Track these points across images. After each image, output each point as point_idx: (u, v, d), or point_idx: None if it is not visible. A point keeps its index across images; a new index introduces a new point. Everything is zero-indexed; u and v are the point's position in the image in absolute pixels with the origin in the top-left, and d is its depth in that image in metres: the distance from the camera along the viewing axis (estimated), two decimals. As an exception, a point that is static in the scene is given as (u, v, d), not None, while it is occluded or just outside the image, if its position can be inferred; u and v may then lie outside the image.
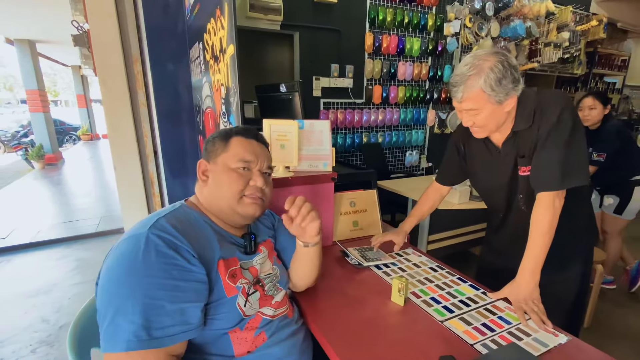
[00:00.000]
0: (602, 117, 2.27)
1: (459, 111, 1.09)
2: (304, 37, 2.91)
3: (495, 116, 1.03)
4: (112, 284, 0.67)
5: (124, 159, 2.29)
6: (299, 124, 1.33)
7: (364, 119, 3.27)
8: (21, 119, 12.48)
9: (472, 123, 1.07)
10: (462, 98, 1.01)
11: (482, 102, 1.00)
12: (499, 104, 1.00)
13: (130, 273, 0.66)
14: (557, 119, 1.01)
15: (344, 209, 1.52)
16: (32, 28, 6.21)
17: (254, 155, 0.88)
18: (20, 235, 3.73)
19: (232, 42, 1.24)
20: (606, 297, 2.49)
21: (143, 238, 0.69)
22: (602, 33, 4.59)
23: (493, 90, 0.97)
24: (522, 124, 1.07)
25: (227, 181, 0.85)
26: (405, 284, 0.97)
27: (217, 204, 0.86)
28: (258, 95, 2.11)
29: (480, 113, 1.02)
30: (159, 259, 0.68)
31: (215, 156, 0.87)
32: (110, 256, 0.71)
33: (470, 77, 0.98)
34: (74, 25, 2.55)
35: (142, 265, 0.66)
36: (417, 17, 3.24)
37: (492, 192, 1.28)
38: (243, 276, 0.83)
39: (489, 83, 0.96)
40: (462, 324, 0.92)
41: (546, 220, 1.00)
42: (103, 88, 2.16)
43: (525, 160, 1.09)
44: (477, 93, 0.99)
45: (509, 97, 1.00)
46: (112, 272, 0.68)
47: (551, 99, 1.05)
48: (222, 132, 0.91)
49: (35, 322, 2.31)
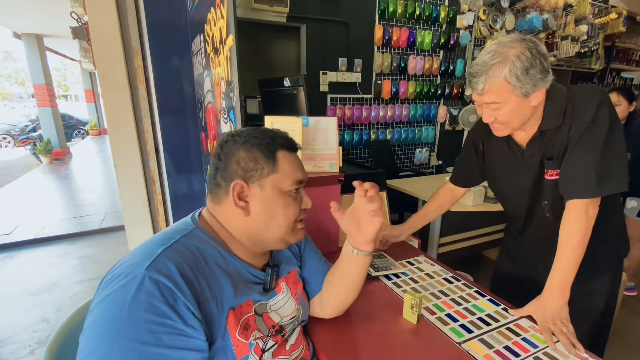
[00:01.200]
0: (626, 115, 2.13)
1: (478, 105, 0.98)
2: (311, 29, 2.80)
3: (520, 111, 0.92)
4: (92, 334, 0.55)
5: (125, 156, 2.22)
6: (304, 121, 1.23)
7: (372, 115, 3.17)
8: (30, 113, 12.59)
9: (494, 119, 0.95)
10: (484, 89, 0.90)
11: (506, 94, 0.88)
12: (525, 97, 0.89)
13: (111, 329, 0.54)
14: (592, 117, 0.89)
15: (351, 211, 1.43)
16: (39, 22, 6.19)
17: (304, 172, 0.75)
18: (25, 231, 3.71)
19: (232, 32, 1.14)
20: (626, 304, 2.37)
21: (136, 282, 0.56)
22: (622, 26, 4.40)
23: (519, 80, 0.86)
24: (551, 122, 0.95)
25: (284, 209, 0.71)
26: (419, 300, 0.88)
27: (262, 234, 0.72)
28: (261, 90, 2.02)
29: (503, 107, 0.91)
30: (147, 316, 0.55)
31: (261, 177, 0.70)
32: (101, 292, 0.59)
33: (493, 66, 0.87)
34: (73, 17, 2.48)
35: (126, 321, 0.54)
36: (428, 9, 3.11)
37: (512, 196, 1.17)
38: (257, 327, 0.70)
39: (514, 72, 0.85)
40: (483, 347, 0.82)
41: (578, 232, 0.90)
42: (102, 82, 2.09)
43: (553, 163, 0.98)
44: (500, 84, 0.87)
45: (536, 89, 0.88)
46: (95, 319, 0.56)
47: (586, 94, 0.93)
48: (258, 141, 0.71)
49: (35, 322, 2.27)
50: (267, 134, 0.73)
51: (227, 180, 0.70)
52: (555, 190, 0.99)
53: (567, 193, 0.94)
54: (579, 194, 0.91)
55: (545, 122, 0.97)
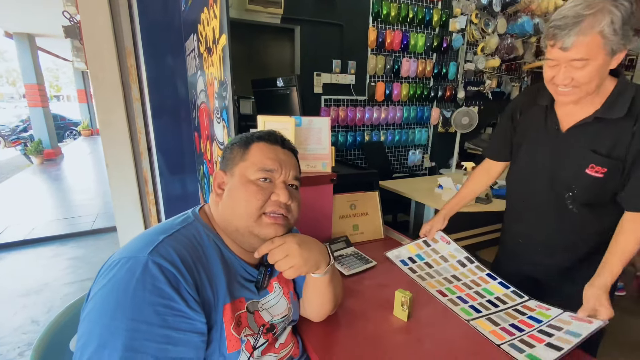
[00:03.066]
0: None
1: (552, 66, 0.87)
2: (305, 31, 2.81)
3: (602, 71, 0.84)
4: (96, 318, 0.55)
5: (117, 156, 2.20)
6: (297, 120, 1.24)
7: (366, 116, 3.18)
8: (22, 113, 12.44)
9: (571, 79, 0.85)
10: (573, 44, 0.80)
11: (597, 50, 0.80)
12: (611, 56, 0.82)
13: (116, 311, 0.54)
14: None
15: (343, 211, 1.44)
16: (31, 21, 6.13)
17: (278, 163, 0.72)
18: (14, 232, 3.66)
19: (225, 31, 1.15)
20: (615, 303, 2.40)
21: (140, 266, 0.57)
22: (612, 31, 4.48)
23: (615, 34, 0.78)
24: (613, 111, 0.88)
25: (245, 196, 0.69)
26: (409, 297, 0.88)
27: (232, 223, 0.71)
28: (254, 90, 2.02)
29: (588, 65, 0.82)
30: (153, 298, 0.56)
31: (233, 165, 0.72)
32: (102, 278, 0.59)
33: (588, 17, 0.78)
34: (66, 16, 2.47)
35: (132, 303, 0.55)
36: (422, 12, 3.14)
37: (531, 178, 1.08)
38: (248, 324, 0.71)
39: (614, 24, 0.77)
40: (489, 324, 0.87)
41: (634, 239, 0.89)
42: (94, 82, 2.08)
43: (603, 160, 0.91)
44: (593, 37, 0.79)
45: (624, 48, 0.81)
46: (98, 303, 0.56)
47: None
48: (242, 137, 0.76)
49: (24, 324, 2.23)
50: (257, 131, 0.77)
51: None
52: (592, 186, 0.94)
53: (633, 205, 0.91)
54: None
55: (605, 110, 0.89)
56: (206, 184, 2.01)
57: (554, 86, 0.90)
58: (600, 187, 0.94)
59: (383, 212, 1.54)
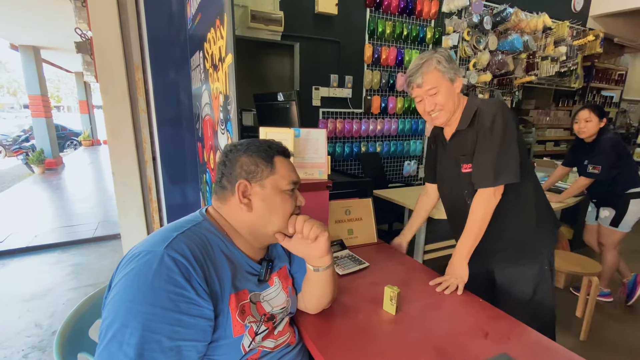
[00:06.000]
0: (597, 130, 2.29)
1: (419, 100, 1.23)
2: (304, 47, 2.95)
3: (451, 95, 1.18)
4: (119, 302, 0.64)
5: (123, 164, 2.30)
6: (295, 132, 1.34)
7: (362, 128, 3.30)
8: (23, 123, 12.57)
9: (434, 105, 1.19)
10: (423, 80, 1.17)
11: (439, 79, 1.16)
12: (452, 82, 1.17)
13: (137, 296, 0.63)
14: (490, 124, 1.15)
15: (338, 216, 1.53)
16: (36, 34, 6.29)
17: (297, 174, 0.88)
18: (17, 240, 3.72)
19: (231, 51, 1.26)
20: (603, 310, 2.48)
21: (157, 258, 0.66)
22: (599, 48, 4.65)
23: (445, 67, 1.15)
24: (464, 125, 1.22)
25: (281, 205, 0.82)
26: (397, 293, 0.97)
27: (263, 227, 0.82)
28: (256, 103, 2.13)
29: (439, 92, 1.17)
30: (169, 287, 0.65)
31: (261, 178, 0.81)
32: (124, 268, 0.68)
33: (424, 64, 1.16)
34: (78, 33, 2.60)
35: (150, 290, 0.64)
36: (416, 29, 3.29)
37: (444, 187, 1.42)
38: (251, 312, 0.80)
39: (441, 62, 1.15)
40: None
41: (480, 213, 1.17)
42: (104, 94, 2.19)
43: (466, 159, 1.23)
44: (433, 72, 1.16)
45: (457, 76, 1.18)
46: (122, 289, 0.65)
47: (488, 106, 1.19)
48: (257, 148, 0.84)
49: (28, 327, 2.29)
50: (264, 143, 0.86)
51: (232, 182, 0.81)
52: (470, 181, 1.22)
53: (475, 183, 1.19)
54: (482, 183, 1.17)
55: (461, 124, 1.23)
56: (208, 192, 2.10)
57: (429, 116, 1.24)
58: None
59: (379, 221, 1.64)
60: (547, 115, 5.19)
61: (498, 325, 0.97)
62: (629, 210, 2.31)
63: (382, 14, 3.15)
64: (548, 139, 5.28)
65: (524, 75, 4.04)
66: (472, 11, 3.39)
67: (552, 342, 0.90)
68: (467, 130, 1.21)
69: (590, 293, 2.12)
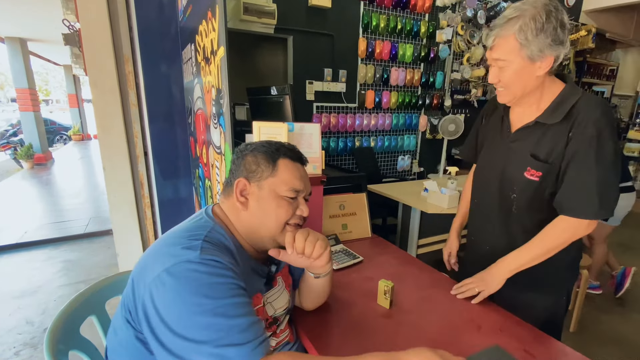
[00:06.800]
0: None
1: (489, 64, 0.97)
2: (297, 41, 2.92)
3: (523, 76, 0.91)
4: (183, 312, 0.60)
5: (114, 159, 2.27)
6: (289, 126, 1.33)
7: (356, 123, 3.29)
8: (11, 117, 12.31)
9: (498, 80, 0.95)
10: (493, 44, 0.91)
11: (513, 53, 0.89)
12: (531, 62, 0.88)
13: (199, 300, 0.61)
14: (597, 133, 0.87)
15: (333, 211, 1.53)
16: (23, 26, 6.15)
17: (303, 182, 0.81)
18: (6, 236, 3.66)
19: (223, 44, 1.24)
20: (592, 302, 2.53)
21: (200, 263, 0.63)
22: (591, 43, 4.68)
23: (527, 40, 0.86)
24: (551, 117, 0.93)
25: (275, 210, 0.77)
26: (391, 287, 0.98)
27: (256, 230, 0.79)
28: (249, 97, 2.11)
29: (508, 67, 0.91)
30: (220, 279, 0.64)
31: (260, 178, 0.78)
32: (157, 291, 0.62)
33: (509, 21, 0.88)
34: (65, 24, 2.53)
35: (208, 288, 0.62)
36: (410, 23, 3.28)
37: (485, 178, 1.14)
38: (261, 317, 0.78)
39: (525, 31, 0.85)
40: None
41: (559, 239, 0.94)
42: (93, 88, 2.15)
43: (538, 164, 0.96)
44: (509, 40, 0.88)
45: (543, 55, 0.87)
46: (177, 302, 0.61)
47: (593, 106, 0.90)
48: (265, 149, 0.81)
49: (19, 324, 2.26)
50: (274, 144, 0.83)
51: (234, 179, 0.80)
52: (528, 189, 0.98)
53: (566, 210, 0.92)
54: (579, 212, 0.90)
55: (546, 115, 0.94)
56: (201, 187, 2.08)
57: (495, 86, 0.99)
58: (535, 190, 0.98)
59: (373, 216, 1.64)
60: (539, 111, 5.22)
61: (491, 318, 0.98)
62: (618, 205, 2.33)
63: (376, 8, 3.13)
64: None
65: (516, 70, 4.05)
66: (466, 5, 3.38)
67: (544, 335, 0.91)
68: (553, 127, 0.93)
69: (580, 286, 2.16)
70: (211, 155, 1.68)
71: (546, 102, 0.96)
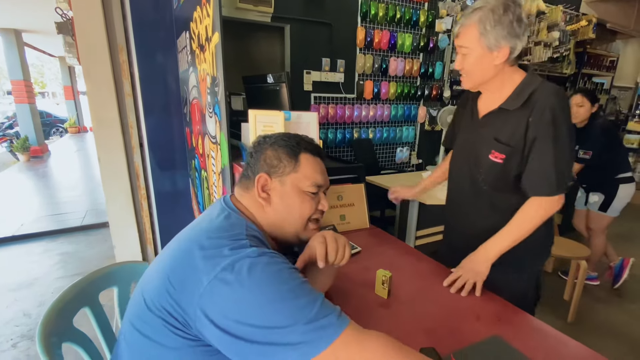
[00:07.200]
0: (589, 115, 2.29)
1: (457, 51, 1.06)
2: (295, 30, 2.87)
3: (482, 64, 1.00)
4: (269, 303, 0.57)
5: (109, 150, 2.24)
6: (286, 115, 1.31)
7: (355, 114, 3.26)
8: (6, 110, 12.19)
9: (462, 66, 1.04)
10: (459, 31, 1.01)
11: (474, 41, 0.98)
12: (489, 51, 0.97)
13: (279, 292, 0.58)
14: (552, 119, 0.95)
15: (331, 202, 1.51)
16: (17, 17, 6.04)
17: (324, 176, 0.81)
18: (3, 228, 3.64)
19: (218, 30, 1.21)
20: (590, 293, 2.53)
21: (259, 259, 0.60)
22: (592, 33, 4.63)
23: (486, 29, 0.95)
24: (513, 103, 1.01)
25: (299, 205, 0.77)
26: (389, 276, 0.96)
27: (280, 226, 0.78)
28: (245, 86, 2.07)
29: (470, 54, 1.00)
30: (285, 265, 0.62)
31: (283, 174, 0.77)
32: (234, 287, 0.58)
33: (474, 11, 0.97)
34: (58, 13, 2.48)
35: (280, 278, 0.59)
36: (409, 12, 3.23)
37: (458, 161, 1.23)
38: None
39: (484, 21, 0.95)
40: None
41: (534, 220, 1.01)
42: (87, 77, 2.11)
43: (501, 147, 1.04)
44: (471, 29, 0.97)
45: (499, 45, 0.95)
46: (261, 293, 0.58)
47: (549, 94, 0.98)
48: (285, 142, 0.80)
49: (17, 316, 2.25)
50: (294, 138, 0.82)
51: (254, 173, 0.78)
52: (493, 170, 1.06)
53: (531, 190, 1.01)
54: (542, 191, 0.99)
55: (508, 101, 1.02)
56: (197, 178, 2.06)
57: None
58: (500, 171, 1.06)
59: (371, 208, 1.62)
60: (538, 102, 5.18)
61: (489, 308, 0.97)
62: (618, 196, 2.34)
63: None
64: (539, 126, 5.28)
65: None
66: (466, -6, 3.33)
67: (543, 324, 0.90)
68: (514, 112, 1.01)
69: (578, 277, 2.16)
70: (207, 145, 1.66)
71: (509, 90, 1.03)
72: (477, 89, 1.11)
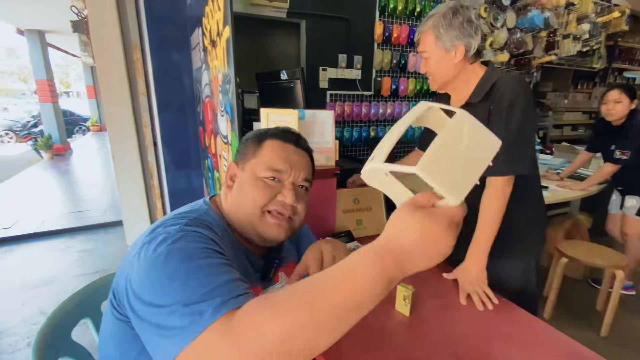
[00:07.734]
0: (627, 112, 2.12)
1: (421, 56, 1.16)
2: (310, 25, 2.79)
3: (442, 65, 1.09)
4: (169, 281, 0.51)
5: (123, 149, 2.23)
6: (300, 113, 1.23)
7: (372, 112, 3.16)
8: (33, 109, 12.62)
9: (426, 69, 1.14)
10: (418, 38, 1.12)
11: (432, 45, 1.07)
12: (446, 52, 1.06)
13: (183, 264, 0.52)
14: (508, 104, 1.01)
15: (347, 206, 1.43)
16: (41, 18, 6.20)
17: (288, 163, 0.72)
18: (25, 225, 3.72)
19: (228, 23, 1.14)
20: (625, 303, 2.36)
21: (181, 232, 0.57)
22: (624, 25, 4.37)
23: (440, 33, 1.04)
24: (476, 98, 1.08)
25: (251, 192, 0.70)
26: (411, 292, 0.88)
27: (238, 216, 0.72)
28: (258, 83, 2.01)
29: (431, 58, 1.10)
30: (206, 244, 0.57)
31: (245, 160, 0.74)
32: (141, 260, 0.56)
33: (428, 18, 1.08)
34: (73, 11, 2.49)
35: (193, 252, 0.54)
36: (429, 6, 3.09)
37: None
38: None
39: (437, 26, 1.04)
40: None
41: (495, 207, 1.03)
42: (101, 75, 2.10)
43: None
44: (427, 34, 1.08)
45: (454, 45, 1.05)
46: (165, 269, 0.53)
47: (508, 82, 1.05)
48: (257, 132, 0.78)
49: (33, 314, 2.28)
50: (270, 128, 0.78)
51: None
52: None
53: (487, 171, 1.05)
54: (493, 171, 0.96)
55: (473, 96, 1.09)
56: (210, 178, 2.02)
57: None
58: None
59: (390, 211, 1.53)
60: (565, 98, 4.95)
61: (522, 328, 0.87)
62: (657, 198, 2.17)
63: (394, -11, 2.96)
64: (565, 123, 5.05)
65: (543, 55, 3.81)
66: (490, -15, 3.17)
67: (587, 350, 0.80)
68: (478, 105, 1.07)
69: (613, 286, 2.00)
70: (219, 145, 1.61)
71: (473, 85, 1.11)
72: (445, 90, 1.19)
